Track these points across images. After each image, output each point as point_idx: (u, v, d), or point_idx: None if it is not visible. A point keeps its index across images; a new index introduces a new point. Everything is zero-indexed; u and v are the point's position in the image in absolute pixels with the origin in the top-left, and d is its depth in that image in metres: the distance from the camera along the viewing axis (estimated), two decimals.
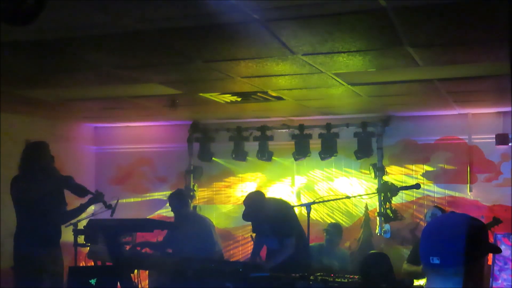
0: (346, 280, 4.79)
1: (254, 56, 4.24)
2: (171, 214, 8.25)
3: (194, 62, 4.45)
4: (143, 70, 4.81)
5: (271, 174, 8.05)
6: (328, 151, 7.31)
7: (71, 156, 8.27)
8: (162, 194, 8.54)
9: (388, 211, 7.19)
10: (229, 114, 7.47)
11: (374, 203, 7.41)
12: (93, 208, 7.77)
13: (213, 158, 8.02)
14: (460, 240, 1.87)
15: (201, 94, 5.93)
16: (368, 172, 7.46)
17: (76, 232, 5.99)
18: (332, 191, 7.77)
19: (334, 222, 7.43)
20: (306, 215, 5.25)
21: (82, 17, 3.29)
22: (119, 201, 6.36)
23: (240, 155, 7.73)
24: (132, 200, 8.59)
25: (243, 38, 3.72)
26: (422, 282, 5.73)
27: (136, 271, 5.69)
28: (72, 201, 5.58)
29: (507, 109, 6.86)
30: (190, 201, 6.48)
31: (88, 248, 6.09)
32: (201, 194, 8.28)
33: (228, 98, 6.11)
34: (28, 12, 2.48)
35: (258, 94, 5.83)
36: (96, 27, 3.48)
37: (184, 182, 8.18)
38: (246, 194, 5.92)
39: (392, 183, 7.25)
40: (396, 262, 5.32)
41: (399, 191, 7.17)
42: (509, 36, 3.15)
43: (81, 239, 5.80)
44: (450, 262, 1.87)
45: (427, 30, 3.59)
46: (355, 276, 4.88)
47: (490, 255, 5.43)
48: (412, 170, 7.52)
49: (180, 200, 6.30)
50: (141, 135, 8.68)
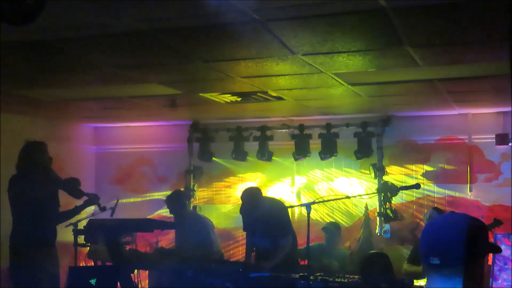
0: (346, 280, 4.79)
1: (254, 56, 4.24)
2: (171, 214, 8.27)
3: (194, 62, 4.45)
4: (143, 70, 4.81)
5: (271, 174, 8.05)
6: (328, 151, 7.31)
7: (71, 156, 8.27)
8: (162, 194, 8.53)
9: (388, 211, 7.19)
10: (229, 114, 7.47)
11: (374, 203, 7.41)
12: (93, 208, 7.77)
13: (213, 158, 8.02)
14: (460, 240, 1.87)
15: (201, 94, 5.93)
16: (368, 172, 7.45)
17: (76, 232, 5.99)
18: (332, 191, 7.77)
19: (330, 221, 7.43)
20: (306, 215, 5.25)
21: (82, 17, 3.29)
22: (119, 201, 6.38)
23: (240, 155, 7.73)
24: (132, 200, 8.58)
25: (243, 38, 3.72)
26: (422, 282, 5.74)
27: (136, 271, 5.69)
28: (73, 201, 5.59)
29: (507, 109, 6.86)
30: (187, 201, 6.47)
31: (88, 248, 6.09)
32: (201, 194, 8.28)
33: (228, 98, 6.11)
34: (28, 12, 2.48)
35: (258, 94, 5.83)
36: (96, 27, 3.48)
37: (184, 182, 8.18)
38: (244, 189, 5.94)
39: (392, 183, 7.25)
40: (396, 262, 5.33)
41: (399, 191, 7.16)
42: (509, 36, 3.15)
43: (81, 239, 5.80)
44: (450, 262, 1.87)
45: (427, 30, 3.59)
46: (355, 276, 4.88)
47: (490, 255, 5.43)
48: (412, 170, 7.52)
49: (176, 201, 6.31)
50: (141, 135, 8.68)
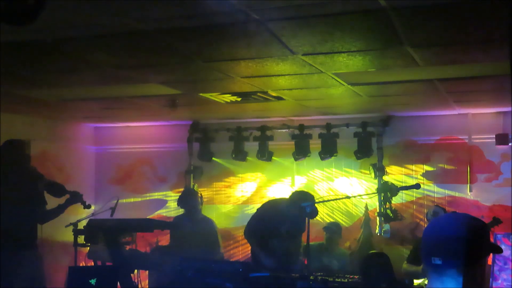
0: (346, 280, 4.79)
1: (254, 56, 4.24)
2: (171, 214, 8.27)
3: (194, 62, 4.45)
4: (143, 70, 4.81)
5: (271, 174, 8.05)
6: (328, 151, 7.31)
7: (71, 156, 8.27)
8: (162, 194, 8.55)
9: (388, 211, 7.19)
10: (229, 114, 7.47)
11: (374, 203, 7.41)
12: (93, 208, 7.78)
13: (213, 158, 8.02)
14: (461, 241, 1.86)
15: (201, 94, 5.93)
16: (368, 172, 7.46)
17: (76, 232, 5.99)
18: (332, 191, 7.77)
19: (332, 221, 7.43)
20: None
21: (82, 17, 3.29)
22: (119, 201, 6.38)
23: (240, 155, 7.73)
24: (132, 200, 8.58)
25: (243, 38, 3.72)
26: (422, 282, 5.74)
27: (136, 271, 5.69)
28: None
29: (507, 109, 6.86)
30: (200, 202, 6.49)
31: (88, 248, 6.09)
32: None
33: (228, 98, 6.11)
34: (28, 12, 2.48)
35: (258, 94, 5.83)
36: (96, 27, 3.48)
37: (184, 182, 8.18)
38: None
39: (392, 183, 7.25)
40: (396, 262, 5.32)
41: (399, 191, 7.16)
42: (509, 36, 3.15)
43: (81, 239, 5.80)
44: (451, 262, 1.87)
45: (427, 30, 3.59)
46: (355, 276, 4.88)
47: (490, 255, 5.44)
48: (412, 170, 7.52)
49: (191, 199, 6.34)
50: (141, 135, 8.68)
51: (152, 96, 6.06)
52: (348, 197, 7.23)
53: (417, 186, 5.37)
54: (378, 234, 7.29)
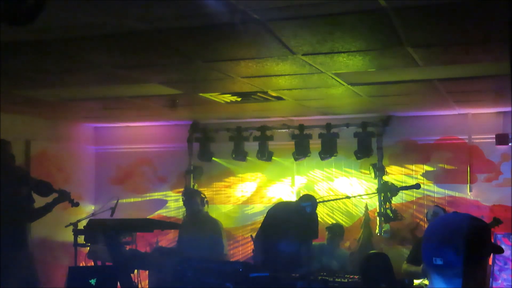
0: (346, 280, 4.79)
1: (254, 56, 4.24)
2: (171, 214, 8.27)
3: (194, 62, 4.45)
4: (143, 70, 4.81)
5: (271, 174, 8.04)
6: (328, 151, 7.31)
7: (71, 156, 8.27)
8: (162, 194, 8.55)
9: (388, 211, 7.19)
10: (229, 114, 7.47)
11: (374, 203, 7.41)
12: (93, 208, 7.78)
13: (213, 158, 8.02)
14: (463, 241, 1.86)
15: (201, 94, 5.93)
16: (368, 172, 7.45)
17: (76, 232, 5.99)
18: (332, 191, 7.77)
19: (336, 222, 7.45)
20: None
21: (82, 17, 3.29)
22: (119, 201, 6.38)
23: (240, 155, 7.73)
24: (132, 200, 8.58)
25: (243, 38, 3.72)
26: (422, 282, 5.74)
27: (136, 271, 5.69)
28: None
29: (507, 109, 6.86)
30: (205, 202, 6.49)
31: (88, 248, 6.10)
32: None
33: (228, 98, 6.11)
34: (28, 12, 2.48)
35: (258, 94, 5.83)
36: (96, 27, 3.48)
37: (184, 182, 8.18)
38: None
39: (392, 183, 7.24)
40: (396, 262, 5.32)
41: (399, 191, 7.16)
42: (509, 36, 3.14)
43: (81, 239, 5.80)
44: (453, 263, 1.86)
45: (427, 30, 3.59)
46: (355, 276, 4.88)
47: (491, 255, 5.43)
48: (412, 170, 7.52)
49: (195, 198, 6.34)
50: (141, 135, 8.68)
51: (152, 96, 6.06)
52: (348, 197, 7.23)
53: (417, 186, 5.38)
54: (378, 234, 7.29)
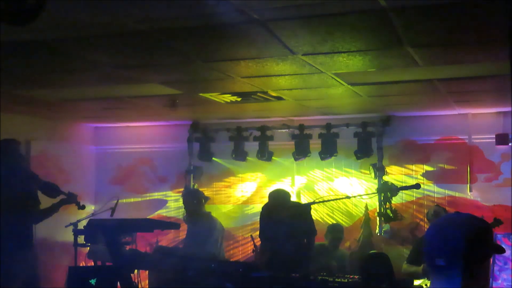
0: (346, 280, 4.80)
1: (254, 56, 4.24)
2: (171, 214, 8.28)
3: (194, 62, 4.45)
4: (143, 70, 4.81)
5: (271, 174, 8.04)
6: (328, 151, 7.31)
7: (71, 156, 8.27)
8: (162, 194, 8.55)
9: (388, 211, 7.19)
10: (229, 114, 7.47)
11: (374, 203, 7.41)
12: (93, 208, 7.78)
13: (213, 158, 8.02)
14: (465, 242, 1.85)
15: (201, 94, 5.93)
16: (368, 172, 7.45)
17: (76, 232, 5.99)
18: (332, 191, 7.76)
19: (336, 223, 7.43)
20: None
21: (82, 17, 3.29)
22: (119, 201, 6.37)
23: (240, 155, 7.73)
24: (132, 200, 8.58)
25: (243, 38, 3.72)
26: (422, 282, 5.74)
27: (136, 271, 5.69)
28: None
29: (507, 109, 6.86)
30: (203, 201, 6.50)
31: (88, 248, 6.09)
32: None
33: (228, 98, 6.11)
34: (28, 12, 2.48)
35: (258, 94, 5.84)
36: (96, 27, 3.48)
37: (184, 182, 8.18)
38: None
39: (392, 183, 7.25)
40: (396, 262, 5.32)
41: (399, 191, 7.16)
42: (509, 36, 3.15)
43: (81, 239, 5.80)
44: (455, 263, 1.85)
45: (427, 30, 3.59)
46: (355, 276, 4.89)
47: None
48: (412, 170, 7.52)
49: (195, 198, 6.34)
50: (141, 135, 8.68)
51: (152, 96, 6.06)
52: (348, 197, 7.22)
53: (417, 186, 5.37)
54: (378, 234, 7.29)
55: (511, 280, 5.94)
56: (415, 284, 5.73)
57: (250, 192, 8.19)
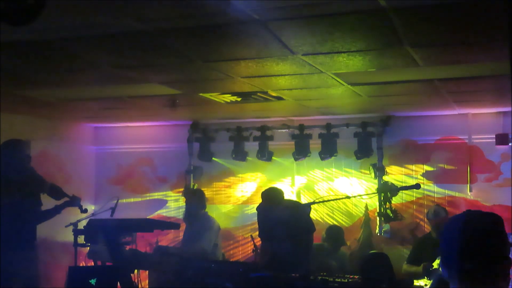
0: (346, 280, 4.79)
1: (254, 56, 4.24)
2: (171, 214, 8.27)
3: (194, 62, 4.45)
4: (143, 70, 4.81)
5: (271, 174, 8.04)
6: (328, 151, 7.31)
7: (71, 156, 8.27)
8: (162, 194, 8.54)
9: (388, 211, 7.18)
10: (229, 114, 7.47)
11: (374, 203, 7.40)
12: (93, 208, 7.77)
13: (213, 158, 8.02)
14: (493, 241, 1.80)
15: (201, 94, 5.93)
16: (368, 172, 7.45)
17: (76, 232, 5.99)
18: (332, 191, 7.76)
19: (336, 225, 7.41)
20: None
21: (82, 17, 3.29)
22: (119, 201, 6.37)
23: (240, 155, 7.73)
24: (132, 200, 8.58)
25: (243, 38, 3.72)
26: (422, 282, 5.74)
27: (136, 271, 5.69)
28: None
29: (507, 109, 6.86)
30: (205, 202, 6.51)
31: (88, 248, 6.09)
32: None
33: (228, 98, 6.11)
34: (28, 12, 2.48)
35: (258, 94, 5.84)
36: (96, 27, 3.48)
37: (184, 182, 8.18)
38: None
39: (392, 183, 7.24)
40: (396, 262, 5.33)
41: (399, 191, 7.16)
42: (509, 36, 3.15)
43: (81, 239, 5.80)
44: (485, 265, 1.79)
45: (427, 30, 3.59)
46: (355, 276, 4.88)
47: None
48: (412, 170, 7.52)
49: (199, 199, 6.36)
50: (141, 135, 8.68)
51: (152, 96, 6.06)
52: (348, 197, 7.22)
53: (417, 186, 5.37)
54: (378, 234, 7.29)
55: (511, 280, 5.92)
56: (415, 284, 5.73)
57: (250, 192, 8.19)
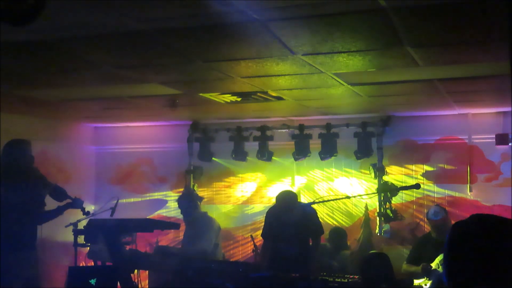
0: (346, 280, 4.80)
1: (254, 56, 4.24)
2: (171, 214, 8.28)
3: (194, 62, 4.45)
4: (143, 70, 4.81)
5: (271, 174, 8.04)
6: (328, 151, 7.31)
7: (71, 156, 8.27)
8: (162, 194, 8.55)
9: (388, 211, 7.18)
10: (229, 114, 7.47)
11: (374, 203, 7.40)
12: (93, 208, 7.77)
13: (213, 158, 8.01)
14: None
15: (201, 94, 5.93)
16: (368, 172, 7.45)
17: (76, 232, 5.99)
18: (332, 191, 7.76)
19: (339, 227, 7.43)
20: None
21: (82, 17, 3.29)
22: (119, 201, 6.37)
23: (240, 155, 7.73)
24: (132, 200, 8.58)
25: (243, 38, 3.72)
26: (422, 282, 5.74)
27: (136, 271, 5.69)
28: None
29: (507, 109, 6.86)
30: (199, 202, 6.51)
31: (88, 248, 6.10)
32: (201, 194, 8.26)
33: (228, 98, 6.11)
34: (28, 12, 2.48)
35: (258, 94, 5.83)
36: (96, 27, 3.48)
37: (184, 182, 8.18)
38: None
39: (392, 183, 7.24)
40: (396, 262, 5.33)
41: (399, 191, 7.16)
42: (509, 36, 3.14)
43: (81, 239, 5.80)
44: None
45: (427, 30, 3.59)
46: (355, 276, 4.89)
47: None
48: (412, 170, 7.52)
49: (189, 201, 6.35)
50: (141, 135, 8.68)
51: (152, 96, 6.06)
52: (348, 197, 7.21)
53: (417, 186, 5.37)
54: (378, 234, 7.29)
55: None
56: (415, 284, 5.74)
57: (250, 192, 8.19)
